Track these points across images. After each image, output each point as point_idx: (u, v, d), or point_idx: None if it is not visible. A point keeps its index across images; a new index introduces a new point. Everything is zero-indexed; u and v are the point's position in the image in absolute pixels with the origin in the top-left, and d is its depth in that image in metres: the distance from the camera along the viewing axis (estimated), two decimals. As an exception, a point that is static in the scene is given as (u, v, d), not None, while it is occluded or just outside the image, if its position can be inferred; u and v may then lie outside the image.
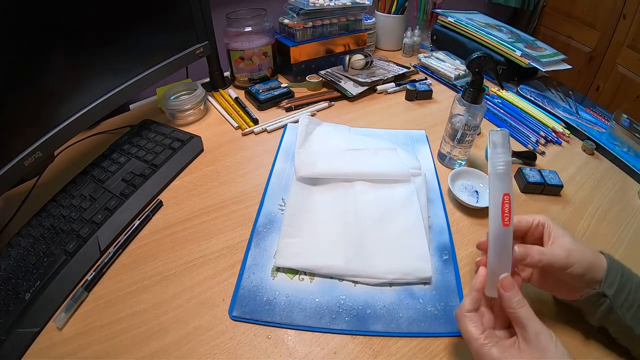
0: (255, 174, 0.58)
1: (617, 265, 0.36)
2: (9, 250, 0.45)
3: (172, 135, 0.62)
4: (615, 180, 0.58)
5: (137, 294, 0.41)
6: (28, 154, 0.45)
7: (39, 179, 0.58)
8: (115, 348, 0.37)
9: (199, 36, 0.70)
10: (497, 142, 0.34)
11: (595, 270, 0.35)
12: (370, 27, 0.96)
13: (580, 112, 0.74)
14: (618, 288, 0.34)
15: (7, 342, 0.36)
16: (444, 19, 0.96)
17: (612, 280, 0.35)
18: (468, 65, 0.49)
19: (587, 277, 0.35)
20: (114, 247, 0.46)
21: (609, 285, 0.34)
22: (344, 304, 0.40)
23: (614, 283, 0.34)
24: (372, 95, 0.81)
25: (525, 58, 0.78)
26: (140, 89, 0.61)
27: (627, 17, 1.30)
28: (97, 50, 0.53)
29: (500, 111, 0.74)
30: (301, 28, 0.79)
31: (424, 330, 0.38)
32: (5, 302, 0.39)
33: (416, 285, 0.42)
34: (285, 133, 0.68)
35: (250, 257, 0.45)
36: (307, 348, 0.36)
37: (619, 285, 0.34)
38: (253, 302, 0.40)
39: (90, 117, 0.53)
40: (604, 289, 0.34)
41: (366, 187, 0.52)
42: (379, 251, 0.44)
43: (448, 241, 0.47)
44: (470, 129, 0.53)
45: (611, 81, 1.39)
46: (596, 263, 0.35)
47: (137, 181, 0.53)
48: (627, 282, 0.35)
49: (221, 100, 0.77)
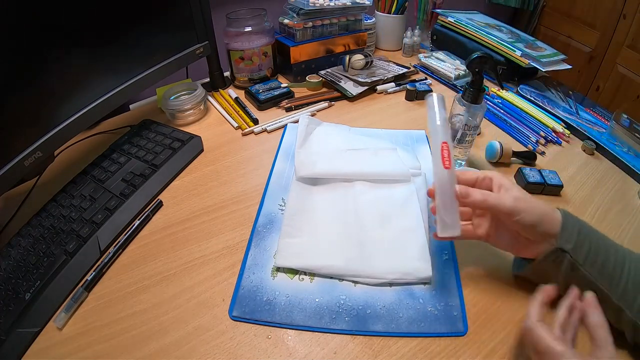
0: (255, 174, 0.58)
1: (574, 220, 0.36)
2: (9, 250, 0.45)
3: (172, 135, 0.62)
4: (615, 180, 0.58)
5: (137, 294, 0.41)
6: (28, 154, 0.45)
7: (39, 179, 0.58)
8: (115, 348, 0.37)
9: (199, 36, 0.70)
10: (432, 104, 0.40)
11: (550, 223, 0.35)
12: (370, 27, 0.96)
13: (580, 112, 0.74)
14: (577, 243, 0.34)
15: (7, 342, 0.36)
16: (444, 19, 0.96)
17: (569, 235, 0.34)
18: (468, 65, 0.49)
19: (541, 229, 0.35)
20: (114, 247, 0.46)
21: (567, 240, 0.34)
22: (344, 304, 0.40)
23: (572, 238, 0.34)
24: (372, 95, 0.81)
25: (525, 58, 0.78)
26: (140, 89, 0.61)
27: (627, 17, 1.30)
28: (97, 50, 0.53)
29: (500, 111, 0.74)
30: (301, 28, 0.79)
31: (424, 330, 0.37)
32: (5, 302, 0.39)
33: (416, 285, 0.42)
34: (285, 133, 0.68)
35: (250, 257, 0.45)
36: (307, 348, 0.36)
37: (578, 240, 0.34)
38: (253, 302, 0.40)
39: (90, 117, 0.53)
40: (561, 243, 0.34)
41: (366, 187, 0.52)
42: (379, 251, 0.44)
43: (448, 241, 0.47)
44: (470, 129, 0.53)
45: (611, 81, 1.39)
46: (550, 215, 0.35)
47: (137, 181, 0.53)
48: (586, 237, 0.35)
49: (221, 100, 0.77)
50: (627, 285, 0.33)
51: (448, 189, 0.37)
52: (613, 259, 0.35)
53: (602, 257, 0.34)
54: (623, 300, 0.33)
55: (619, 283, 0.34)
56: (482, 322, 0.38)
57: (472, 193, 0.36)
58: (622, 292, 0.33)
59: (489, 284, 0.42)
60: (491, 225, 0.39)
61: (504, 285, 0.42)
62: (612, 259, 0.35)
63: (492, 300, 0.40)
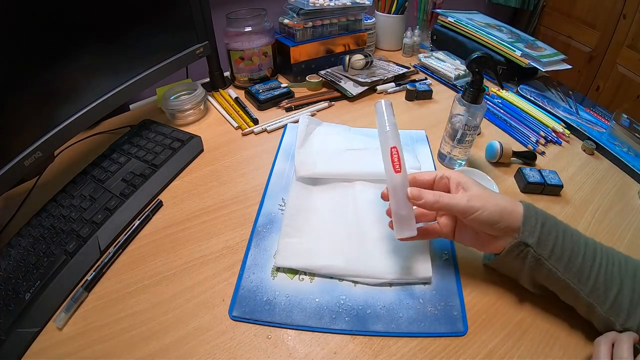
0: (255, 174, 0.58)
1: (538, 213, 0.35)
2: (9, 250, 0.45)
3: (172, 135, 0.62)
4: (615, 180, 0.58)
5: (137, 294, 0.41)
6: (28, 154, 0.45)
7: (39, 179, 0.58)
8: (115, 348, 0.37)
9: (199, 36, 0.70)
10: (380, 110, 0.41)
11: (511, 218, 0.35)
12: (370, 27, 0.96)
13: (580, 112, 0.74)
14: (541, 237, 0.34)
15: (7, 342, 0.36)
16: (444, 19, 0.96)
17: (531, 229, 0.34)
18: (468, 65, 0.49)
19: (501, 225, 0.35)
20: (114, 247, 0.46)
21: (529, 234, 0.34)
22: (344, 304, 0.40)
23: (534, 232, 0.34)
24: (372, 95, 0.81)
25: (525, 58, 0.78)
26: (140, 89, 0.61)
27: (627, 17, 1.30)
28: (97, 50, 0.53)
29: (500, 111, 0.74)
30: (301, 28, 0.79)
31: (424, 330, 0.38)
32: (5, 302, 0.39)
33: (416, 285, 0.42)
34: (285, 133, 0.68)
35: (250, 257, 0.45)
36: (307, 348, 0.36)
37: (541, 234, 0.34)
38: (253, 302, 0.40)
39: (90, 117, 0.53)
40: (523, 237, 0.34)
41: (366, 187, 0.52)
42: (379, 251, 0.44)
43: (448, 241, 0.47)
44: (470, 129, 0.53)
45: (611, 81, 1.39)
46: (510, 210, 0.35)
47: (137, 181, 0.53)
48: (551, 230, 0.34)
49: (221, 100, 0.77)
50: (597, 281, 0.33)
51: (400, 192, 0.38)
52: (582, 254, 0.34)
53: (569, 252, 0.34)
54: (594, 296, 0.33)
55: (588, 279, 0.33)
56: (482, 322, 0.38)
57: (424, 195, 0.37)
58: (592, 289, 0.33)
59: (489, 284, 0.42)
60: (454, 224, 0.40)
61: (504, 285, 0.42)
62: (581, 253, 0.34)
63: (492, 300, 0.40)
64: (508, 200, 0.36)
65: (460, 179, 0.37)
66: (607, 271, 0.33)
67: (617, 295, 0.33)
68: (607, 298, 0.33)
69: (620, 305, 0.33)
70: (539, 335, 0.37)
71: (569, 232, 0.35)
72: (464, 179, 0.37)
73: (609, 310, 0.33)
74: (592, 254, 0.34)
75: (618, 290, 0.33)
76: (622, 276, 0.33)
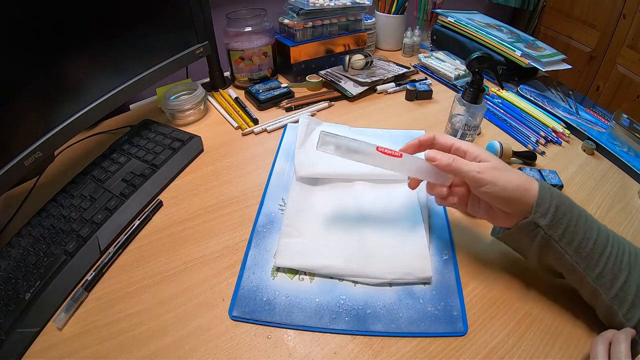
0: (255, 174, 0.58)
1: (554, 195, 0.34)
2: (9, 250, 0.45)
3: (172, 135, 0.62)
4: (615, 180, 0.58)
5: (137, 294, 0.41)
6: (28, 154, 0.45)
7: (39, 179, 0.58)
8: (115, 348, 0.37)
9: (199, 36, 0.70)
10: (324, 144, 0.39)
11: (525, 197, 0.34)
12: (370, 27, 0.96)
13: (580, 112, 0.74)
14: (554, 219, 0.33)
15: (7, 342, 0.36)
16: (444, 19, 0.96)
17: (544, 210, 0.33)
18: (468, 65, 0.49)
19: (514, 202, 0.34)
20: (114, 247, 0.46)
21: (542, 215, 0.33)
22: (344, 304, 0.40)
23: (547, 213, 0.33)
24: (372, 95, 0.81)
25: (525, 58, 0.78)
26: (140, 89, 0.61)
27: (627, 17, 1.30)
28: (97, 51, 0.53)
29: (500, 111, 0.74)
30: (301, 28, 0.79)
31: (424, 330, 0.37)
32: (5, 302, 0.39)
33: (416, 285, 0.42)
34: (285, 133, 0.68)
35: (250, 257, 0.45)
36: (307, 348, 0.36)
37: (554, 216, 0.33)
38: (253, 302, 0.40)
39: (90, 117, 0.53)
40: (534, 217, 0.33)
41: (366, 187, 0.52)
42: (379, 251, 0.44)
43: (448, 241, 0.47)
44: (470, 129, 0.53)
45: (611, 81, 1.39)
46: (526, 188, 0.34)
47: (137, 181, 0.53)
48: (565, 213, 0.34)
49: (221, 100, 0.77)
50: (605, 268, 0.33)
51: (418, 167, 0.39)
52: (594, 240, 0.34)
53: (581, 237, 0.33)
54: (600, 282, 0.33)
55: (596, 265, 0.33)
56: (482, 322, 0.38)
57: (439, 156, 0.37)
58: (599, 275, 0.33)
59: (489, 284, 0.42)
60: (467, 194, 0.39)
61: (504, 285, 0.42)
62: (593, 239, 0.34)
63: (492, 300, 0.40)
64: (523, 177, 0.35)
65: (479, 152, 0.37)
66: (616, 259, 0.33)
67: (624, 285, 0.33)
68: (612, 286, 0.33)
69: (625, 294, 0.32)
70: (539, 335, 0.37)
71: (583, 216, 0.35)
72: (484, 153, 0.37)
73: (613, 298, 0.33)
74: (604, 240, 0.34)
75: (625, 279, 0.33)
76: (631, 266, 0.33)
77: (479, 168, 0.35)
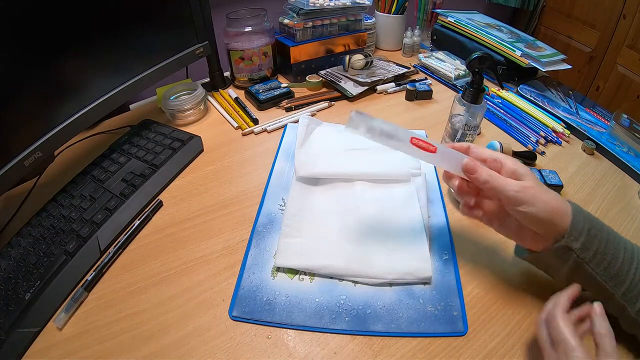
0: (255, 174, 0.58)
1: (586, 218, 0.34)
2: (9, 250, 0.45)
3: (172, 135, 0.62)
4: (615, 180, 0.58)
5: (137, 294, 0.41)
6: (28, 154, 0.45)
7: (39, 179, 0.58)
8: (115, 348, 0.37)
9: (199, 36, 0.70)
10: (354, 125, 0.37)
11: (559, 219, 0.33)
12: (370, 27, 0.96)
13: (580, 112, 0.74)
14: (586, 242, 0.33)
15: (7, 342, 0.36)
16: (444, 19, 0.96)
17: (577, 234, 0.33)
18: (468, 65, 0.49)
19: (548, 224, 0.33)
20: (114, 247, 0.46)
21: (575, 238, 0.33)
22: (344, 304, 0.40)
23: (580, 236, 0.33)
24: (372, 95, 0.81)
25: (525, 58, 0.78)
26: (140, 89, 0.61)
27: (627, 17, 1.30)
28: (97, 50, 0.53)
29: (500, 111, 0.74)
30: (301, 28, 0.79)
31: (424, 330, 0.37)
32: (5, 302, 0.39)
33: (416, 285, 0.42)
34: (285, 133, 0.68)
35: (250, 257, 0.45)
36: (307, 348, 0.36)
37: (587, 239, 0.33)
38: (253, 302, 0.40)
39: (90, 117, 0.53)
40: (568, 241, 0.33)
41: (366, 187, 0.52)
42: (379, 251, 0.44)
43: (448, 241, 0.47)
44: (470, 129, 0.53)
45: (611, 81, 1.39)
46: (562, 213, 0.34)
47: (137, 181, 0.53)
48: (596, 235, 0.33)
49: (221, 100, 0.77)
50: (631, 284, 0.33)
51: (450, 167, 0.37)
52: (621, 259, 0.33)
53: (610, 257, 0.33)
54: (626, 298, 0.33)
55: (623, 282, 0.33)
56: (482, 322, 0.38)
57: (479, 170, 0.35)
58: (625, 291, 0.33)
59: (489, 284, 0.42)
60: (498, 210, 0.37)
61: (504, 285, 0.42)
62: (620, 258, 0.33)
63: (492, 300, 0.40)
64: (559, 200, 0.34)
65: (517, 167, 0.35)
66: None
67: None
68: (638, 300, 0.33)
69: None
70: (539, 335, 0.37)
71: (611, 236, 0.35)
72: (522, 168, 0.35)
73: (638, 312, 0.33)
74: (630, 257, 0.34)
75: None
76: None
77: (518, 187, 0.33)
